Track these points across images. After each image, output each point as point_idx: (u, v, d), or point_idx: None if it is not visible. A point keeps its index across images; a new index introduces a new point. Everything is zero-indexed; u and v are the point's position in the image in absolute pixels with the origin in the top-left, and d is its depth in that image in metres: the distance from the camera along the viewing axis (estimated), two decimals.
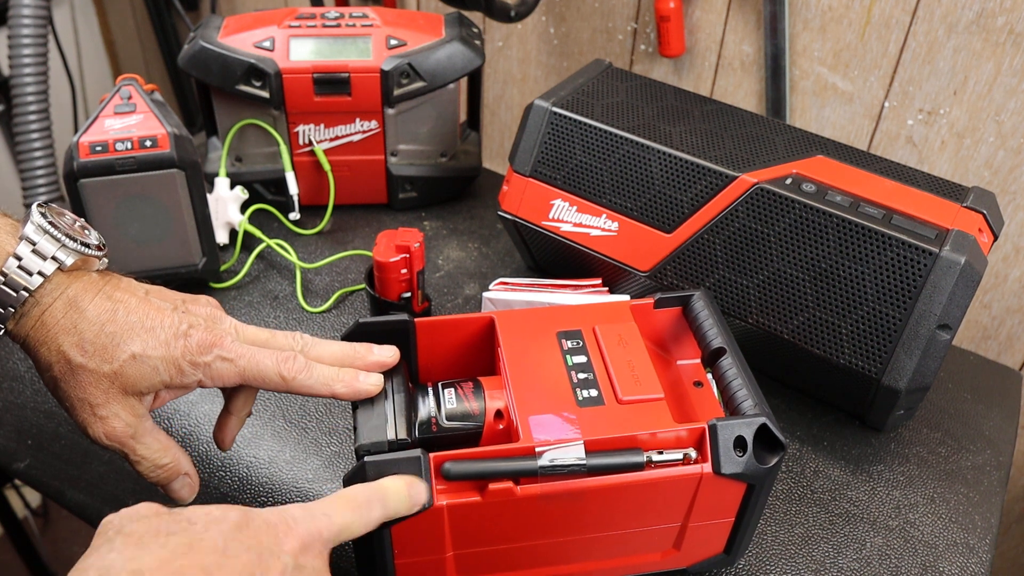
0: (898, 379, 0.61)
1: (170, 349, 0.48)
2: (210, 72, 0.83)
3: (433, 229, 0.92)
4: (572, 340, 0.55)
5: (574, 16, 1.18)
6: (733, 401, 0.51)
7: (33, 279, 0.47)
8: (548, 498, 0.47)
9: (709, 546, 0.54)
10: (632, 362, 0.53)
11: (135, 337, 0.48)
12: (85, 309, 0.48)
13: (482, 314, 0.57)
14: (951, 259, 0.59)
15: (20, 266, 0.46)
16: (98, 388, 0.48)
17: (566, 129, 0.74)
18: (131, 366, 0.48)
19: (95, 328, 0.47)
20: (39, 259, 0.47)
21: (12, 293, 0.46)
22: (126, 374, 0.48)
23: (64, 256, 0.48)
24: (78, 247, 0.48)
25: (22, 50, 1.15)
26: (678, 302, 0.59)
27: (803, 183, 0.65)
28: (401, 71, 0.84)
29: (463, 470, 0.46)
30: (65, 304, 0.47)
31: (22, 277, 0.46)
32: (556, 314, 0.57)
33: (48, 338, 0.47)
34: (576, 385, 0.51)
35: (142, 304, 0.49)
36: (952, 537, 0.61)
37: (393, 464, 0.46)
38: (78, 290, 0.48)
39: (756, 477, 0.48)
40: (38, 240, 0.47)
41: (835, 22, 0.98)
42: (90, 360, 0.47)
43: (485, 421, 0.52)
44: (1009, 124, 0.92)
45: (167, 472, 0.51)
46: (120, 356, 0.48)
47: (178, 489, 0.52)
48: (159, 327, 0.49)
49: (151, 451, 0.50)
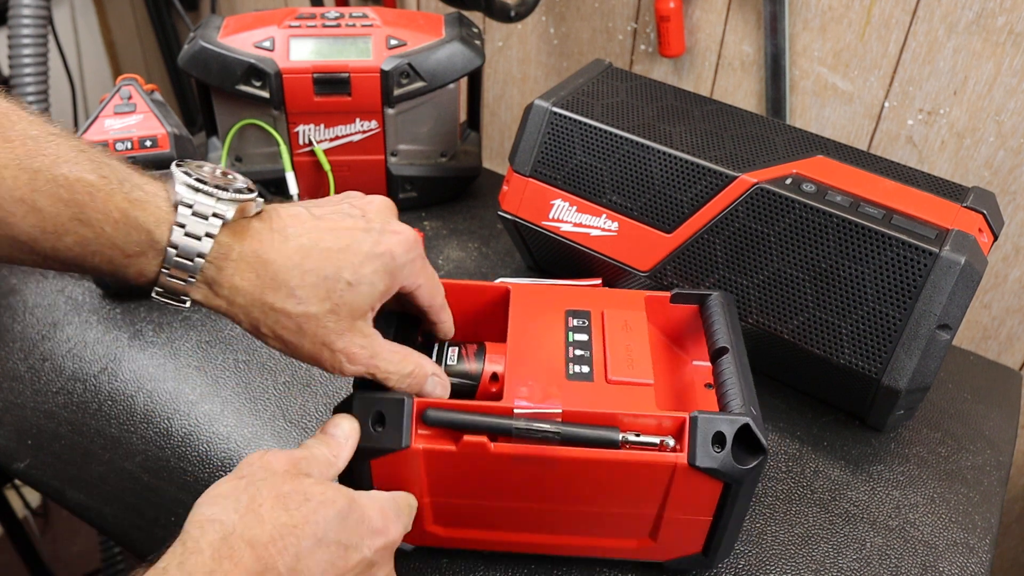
0: (898, 379, 0.61)
1: (378, 260, 0.48)
2: (210, 72, 0.83)
3: (433, 229, 0.92)
4: (578, 319, 0.57)
5: (574, 16, 1.19)
6: (723, 399, 0.51)
7: (203, 243, 0.44)
8: (521, 460, 0.49)
9: (686, 543, 0.54)
10: (631, 347, 0.54)
11: (339, 263, 0.46)
12: (273, 259, 0.45)
13: (499, 283, 0.59)
14: (951, 259, 0.59)
15: (186, 233, 0.43)
16: (327, 328, 0.46)
17: (566, 129, 0.74)
18: (349, 293, 0.47)
19: (296, 272, 0.45)
20: (201, 221, 0.44)
21: (187, 262, 0.44)
22: (346, 302, 0.47)
23: (224, 209, 0.44)
24: (232, 195, 0.45)
25: (22, 50, 1.15)
26: (696, 299, 0.60)
27: (803, 183, 0.65)
28: (401, 71, 0.84)
29: (441, 417, 0.49)
30: (251, 261, 0.45)
31: (192, 244, 0.44)
32: (569, 293, 0.59)
33: (253, 300, 0.45)
34: (570, 360, 0.53)
35: (321, 226, 0.48)
36: (952, 537, 0.61)
37: (379, 401, 0.49)
38: (254, 243, 0.45)
39: (733, 476, 0.48)
40: (193, 200, 0.44)
41: (835, 22, 0.98)
42: (309, 305, 0.46)
43: (481, 381, 0.55)
44: (1009, 124, 0.92)
45: (416, 378, 0.51)
46: (336, 288, 0.46)
47: (431, 390, 0.51)
48: (354, 243, 0.47)
49: (394, 364, 0.49)
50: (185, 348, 0.74)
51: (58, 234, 0.42)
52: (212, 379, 0.71)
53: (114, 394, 0.71)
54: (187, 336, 0.75)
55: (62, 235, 0.42)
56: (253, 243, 0.45)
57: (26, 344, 0.76)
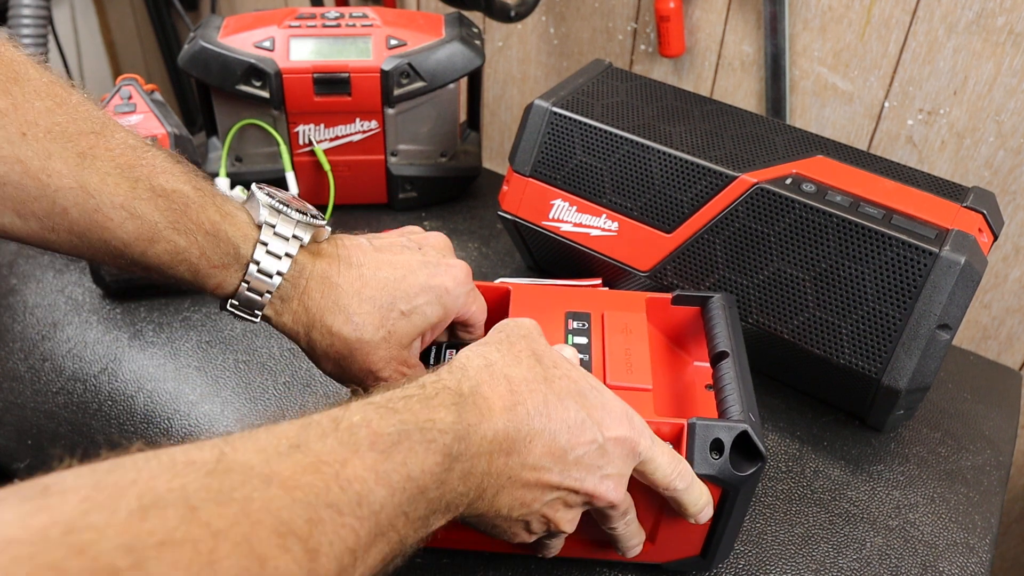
0: (898, 379, 0.61)
1: (432, 292, 0.50)
2: (210, 72, 0.83)
3: (433, 229, 0.91)
4: (578, 321, 0.56)
5: (574, 16, 1.19)
6: (722, 405, 0.51)
7: (283, 262, 0.47)
8: None
9: (684, 546, 0.54)
10: (630, 351, 0.54)
11: (395, 293, 0.49)
12: (338, 283, 0.48)
13: (499, 283, 0.59)
14: (951, 259, 0.59)
15: (268, 251, 0.46)
16: (375, 355, 0.48)
17: (566, 129, 0.74)
18: (401, 321, 0.49)
19: (355, 299, 0.48)
20: (282, 241, 0.47)
21: (266, 279, 0.46)
22: (398, 330, 0.49)
23: (301, 233, 0.47)
24: (309, 220, 0.48)
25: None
26: (697, 301, 0.60)
27: (803, 183, 0.65)
28: (401, 71, 0.84)
29: None
30: (320, 283, 0.48)
31: (273, 262, 0.46)
32: (570, 294, 0.59)
33: (315, 321, 0.48)
34: None
35: (381, 258, 0.50)
36: (952, 537, 0.61)
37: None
38: (324, 265, 0.48)
39: (731, 483, 0.48)
40: (275, 222, 0.47)
41: (835, 22, 0.98)
42: (364, 332, 0.48)
43: None
44: (1009, 124, 0.92)
45: None
46: (390, 317, 0.48)
47: None
48: (411, 274, 0.50)
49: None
50: (185, 348, 0.74)
51: (152, 240, 0.45)
52: (212, 379, 0.71)
53: (114, 394, 0.71)
54: (187, 336, 0.75)
55: (155, 242, 0.45)
56: (323, 265, 0.48)
57: (26, 344, 0.76)
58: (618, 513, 0.47)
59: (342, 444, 0.34)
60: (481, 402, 0.40)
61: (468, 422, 0.39)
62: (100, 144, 0.44)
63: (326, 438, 0.34)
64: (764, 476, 0.64)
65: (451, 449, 0.37)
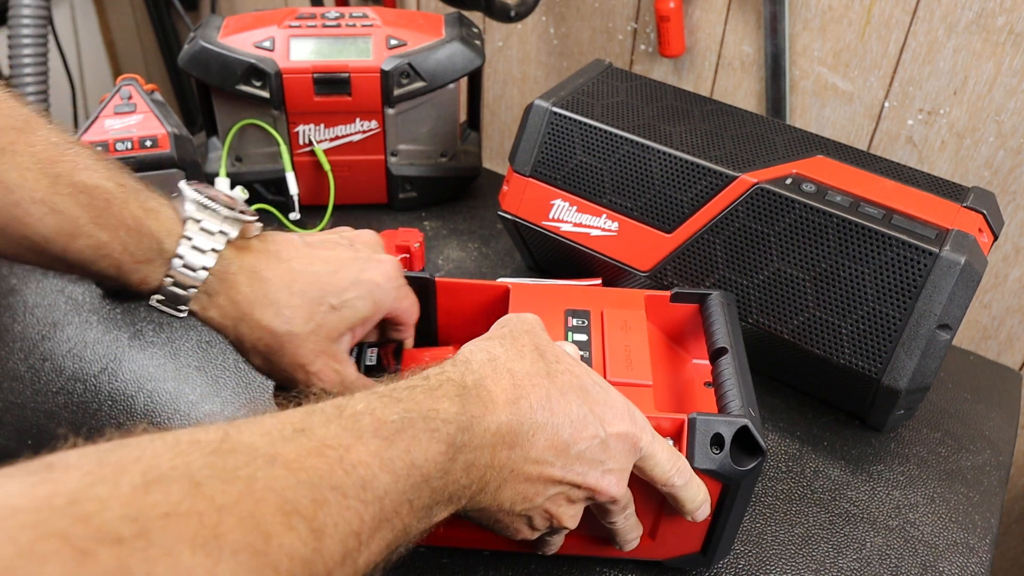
0: (898, 379, 0.61)
1: (362, 286, 0.50)
2: (210, 72, 0.83)
3: (433, 229, 0.92)
4: (578, 319, 0.57)
5: (574, 16, 1.19)
6: (722, 400, 0.51)
7: (208, 257, 0.47)
8: None
9: (685, 543, 0.54)
10: (630, 347, 0.54)
11: (325, 287, 0.49)
12: (268, 277, 0.48)
13: (499, 282, 0.59)
14: (951, 259, 0.59)
15: (193, 246, 0.47)
16: (304, 348, 0.49)
17: (566, 129, 0.74)
18: (331, 315, 0.49)
19: (285, 292, 0.48)
20: (208, 236, 0.47)
21: (191, 274, 0.47)
22: (328, 325, 0.49)
23: (229, 228, 0.48)
24: (237, 215, 0.48)
25: (22, 50, 1.15)
26: (695, 299, 0.60)
27: (803, 183, 0.65)
28: (401, 71, 0.84)
29: None
30: (248, 277, 0.48)
31: (197, 257, 0.47)
32: (569, 293, 0.59)
33: (244, 314, 0.48)
34: None
35: (312, 253, 0.50)
36: (952, 537, 0.61)
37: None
38: (252, 260, 0.48)
39: (731, 478, 0.48)
40: (202, 217, 0.47)
41: (835, 22, 0.98)
42: (293, 325, 0.48)
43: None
44: (1009, 124, 0.92)
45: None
46: (320, 311, 0.48)
47: None
48: (341, 269, 0.50)
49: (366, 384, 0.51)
50: (185, 348, 0.74)
51: (73, 236, 0.45)
52: (212, 379, 0.71)
53: (114, 394, 0.71)
54: (187, 336, 0.75)
55: (77, 237, 0.45)
56: (251, 259, 0.48)
57: (26, 344, 0.76)
58: (619, 508, 0.47)
59: (346, 430, 0.34)
60: (485, 395, 0.41)
61: (472, 414, 0.39)
62: (21, 140, 0.44)
63: (330, 424, 0.34)
64: (764, 476, 0.64)
65: (455, 439, 0.38)
